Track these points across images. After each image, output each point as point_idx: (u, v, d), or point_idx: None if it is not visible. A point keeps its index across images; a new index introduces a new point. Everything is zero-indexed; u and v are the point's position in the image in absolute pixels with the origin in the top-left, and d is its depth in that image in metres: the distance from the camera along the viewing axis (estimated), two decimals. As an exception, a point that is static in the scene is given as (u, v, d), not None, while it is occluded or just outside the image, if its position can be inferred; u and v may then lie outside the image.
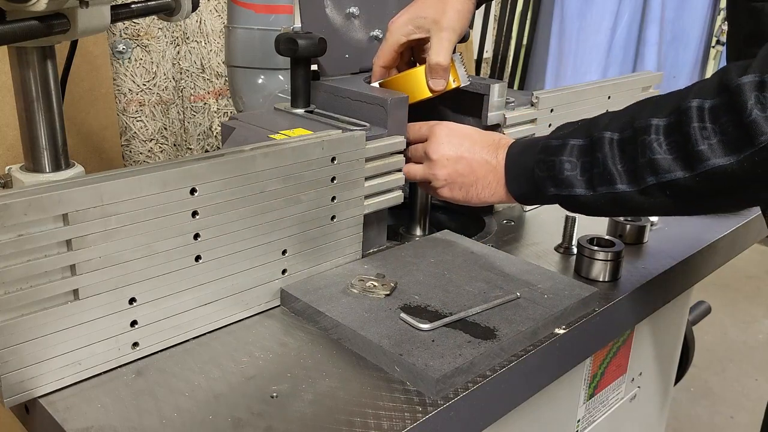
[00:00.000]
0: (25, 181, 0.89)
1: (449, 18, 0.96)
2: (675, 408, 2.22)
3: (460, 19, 0.97)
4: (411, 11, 0.97)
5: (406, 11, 0.98)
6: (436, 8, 0.96)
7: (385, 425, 0.64)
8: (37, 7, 0.74)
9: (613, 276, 0.92)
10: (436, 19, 0.96)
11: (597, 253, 0.91)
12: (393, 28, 0.97)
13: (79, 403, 0.65)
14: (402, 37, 0.97)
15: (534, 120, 1.13)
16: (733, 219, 1.17)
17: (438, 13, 0.96)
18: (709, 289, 2.85)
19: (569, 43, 2.72)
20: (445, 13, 0.96)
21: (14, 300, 0.61)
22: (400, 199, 0.95)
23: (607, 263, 0.91)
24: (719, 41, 3.54)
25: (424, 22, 0.96)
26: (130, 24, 1.53)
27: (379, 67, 1.00)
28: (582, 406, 1.06)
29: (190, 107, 1.69)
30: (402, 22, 0.97)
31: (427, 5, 0.97)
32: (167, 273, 0.71)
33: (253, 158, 0.75)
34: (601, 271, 0.92)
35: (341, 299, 0.80)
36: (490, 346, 0.72)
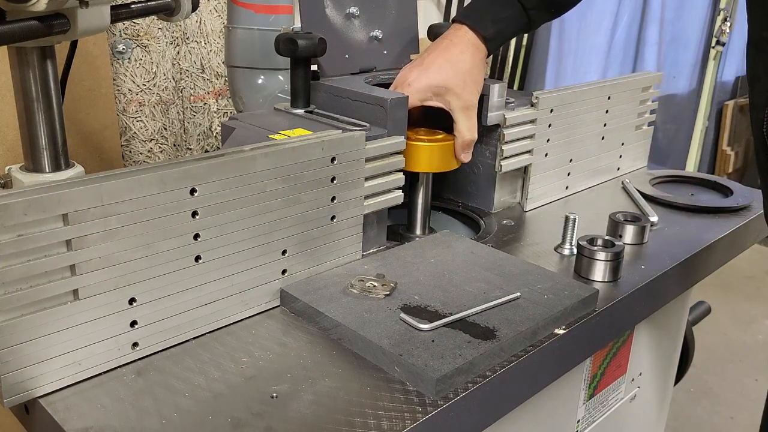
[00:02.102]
0: (25, 181, 0.89)
1: (470, 92, 0.98)
2: (675, 408, 2.22)
3: (478, 89, 1.00)
4: (431, 76, 0.97)
5: (425, 75, 0.97)
6: (456, 78, 0.97)
7: (384, 425, 0.64)
8: (37, 8, 0.74)
9: (613, 276, 0.92)
10: (458, 93, 0.97)
11: (597, 253, 0.91)
12: (411, 91, 0.97)
13: (79, 404, 0.65)
14: (418, 102, 0.98)
15: (534, 120, 1.13)
16: (732, 219, 1.17)
17: (458, 85, 0.97)
18: (709, 290, 2.85)
19: (569, 43, 2.72)
20: (466, 86, 0.98)
21: (14, 300, 0.61)
22: (400, 199, 0.95)
23: (607, 263, 0.91)
24: (719, 41, 3.54)
25: (443, 92, 0.98)
26: (130, 24, 1.53)
27: None
28: (582, 406, 1.06)
29: (189, 107, 1.69)
30: (421, 87, 0.97)
31: (445, 72, 0.98)
32: (167, 273, 0.71)
33: (253, 158, 0.75)
34: (601, 272, 0.92)
35: (341, 299, 0.80)
36: (490, 347, 0.72)
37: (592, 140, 1.26)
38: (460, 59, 0.98)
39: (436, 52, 1.00)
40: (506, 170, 1.12)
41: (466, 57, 0.99)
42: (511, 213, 1.16)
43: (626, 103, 1.31)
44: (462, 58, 0.98)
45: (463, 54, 0.99)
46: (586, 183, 1.29)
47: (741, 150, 3.94)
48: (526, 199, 1.17)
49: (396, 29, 1.18)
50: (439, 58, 0.99)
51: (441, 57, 0.99)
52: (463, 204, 1.18)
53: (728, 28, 3.51)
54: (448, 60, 0.98)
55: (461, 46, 0.99)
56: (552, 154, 1.18)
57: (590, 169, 1.28)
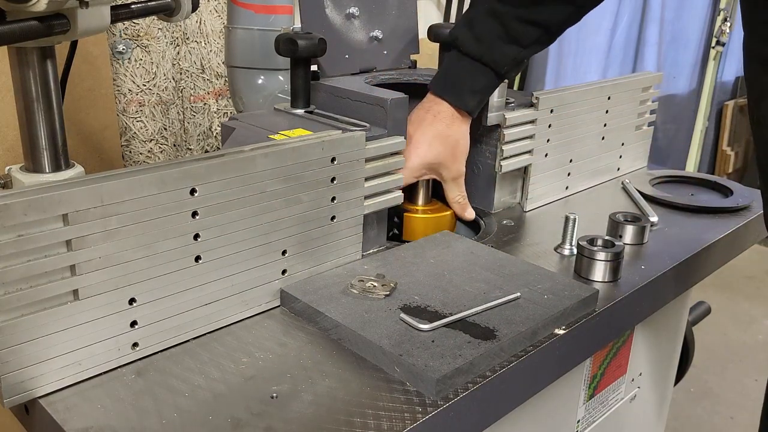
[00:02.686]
0: (25, 181, 0.89)
1: (459, 164, 1.05)
2: (675, 408, 2.22)
3: (465, 157, 1.06)
4: (423, 155, 1.02)
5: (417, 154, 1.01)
6: (446, 153, 1.03)
7: (384, 426, 0.64)
8: (37, 8, 0.74)
9: (613, 276, 0.92)
10: (449, 167, 1.04)
11: (597, 253, 0.91)
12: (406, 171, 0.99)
13: (79, 404, 0.65)
14: (413, 179, 1.03)
15: (534, 120, 1.13)
16: (732, 219, 1.17)
17: (449, 158, 1.04)
18: (708, 290, 2.85)
19: (569, 43, 2.72)
20: (456, 159, 1.04)
21: (14, 300, 0.61)
22: (400, 200, 0.95)
23: (607, 263, 0.91)
24: (719, 41, 3.54)
25: (436, 167, 1.04)
26: (130, 24, 1.53)
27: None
28: (582, 406, 1.06)
29: (189, 107, 1.69)
30: (415, 167, 1.01)
31: (436, 149, 1.02)
32: (167, 273, 0.71)
33: (253, 159, 0.75)
34: (601, 272, 0.92)
35: (341, 299, 0.80)
36: (490, 347, 0.72)
37: (592, 140, 1.26)
38: (448, 134, 1.02)
39: (423, 127, 1.02)
40: (506, 170, 1.12)
41: (453, 130, 1.03)
42: (511, 213, 1.16)
43: (626, 103, 1.31)
44: (449, 132, 1.02)
45: (450, 128, 1.02)
46: (586, 183, 1.29)
47: (741, 150, 3.94)
48: (526, 199, 1.17)
49: (396, 29, 1.18)
50: (427, 134, 1.02)
51: (429, 133, 1.02)
52: (463, 204, 1.18)
53: (728, 28, 3.51)
54: (437, 137, 1.02)
55: (447, 121, 1.02)
56: (552, 155, 1.18)
57: (590, 170, 1.28)
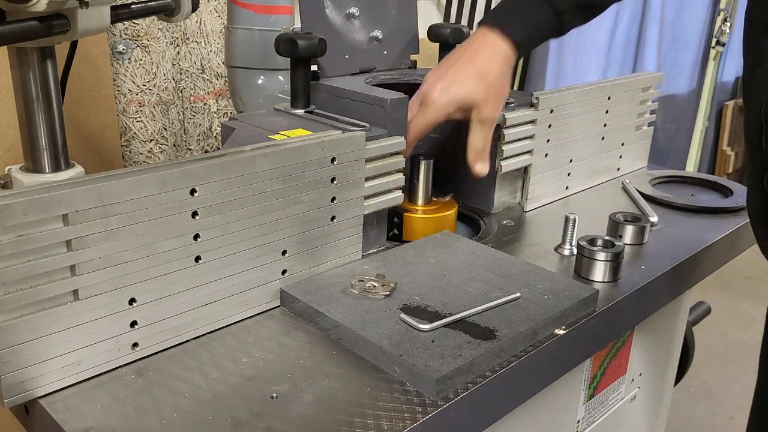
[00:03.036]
0: (25, 181, 0.89)
1: (492, 107, 0.95)
2: (675, 408, 2.22)
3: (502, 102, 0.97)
4: (455, 91, 0.93)
5: (449, 90, 0.93)
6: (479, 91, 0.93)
7: (384, 426, 0.64)
8: (37, 8, 0.74)
9: (613, 276, 0.92)
10: (480, 107, 0.94)
11: (597, 253, 0.91)
12: (436, 106, 0.93)
13: (79, 404, 0.65)
14: (443, 117, 0.95)
15: (534, 120, 1.13)
16: (732, 219, 1.17)
17: (481, 98, 0.93)
18: (709, 290, 2.85)
19: (569, 43, 2.72)
20: (488, 100, 0.94)
21: (14, 300, 0.61)
22: (400, 200, 0.95)
23: (607, 263, 0.91)
24: (719, 41, 3.54)
25: (468, 106, 0.94)
26: (130, 24, 1.53)
27: (413, 138, 0.96)
28: (582, 406, 1.06)
29: (189, 108, 1.69)
30: (445, 103, 0.93)
31: (469, 86, 0.93)
32: (167, 273, 0.71)
33: (253, 159, 0.75)
34: (601, 272, 0.92)
35: (341, 300, 0.80)
36: (490, 347, 0.72)
37: (592, 140, 1.26)
38: (486, 71, 0.94)
39: (461, 61, 0.95)
40: (506, 170, 1.12)
41: (492, 68, 0.94)
42: (511, 213, 1.16)
43: (626, 104, 1.31)
44: (488, 69, 0.94)
45: (489, 64, 0.94)
46: (586, 183, 1.29)
47: (741, 150, 3.94)
48: (526, 199, 1.17)
49: (396, 29, 1.18)
50: (464, 69, 0.94)
51: (465, 68, 0.94)
52: (463, 204, 1.18)
53: (728, 28, 3.51)
54: (473, 72, 0.94)
55: (488, 56, 0.94)
56: (552, 155, 1.18)
57: (590, 170, 1.28)
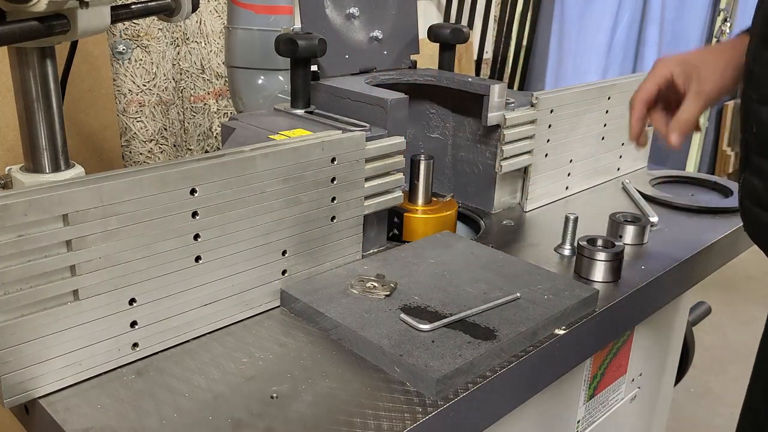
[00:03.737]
0: (25, 181, 0.89)
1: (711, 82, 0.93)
2: (675, 409, 2.21)
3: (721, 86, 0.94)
4: (686, 55, 0.95)
5: (681, 54, 0.95)
6: (707, 64, 0.94)
7: (384, 426, 0.64)
8: (38, 8, 0.74)
9: (613, 277, 0.92)
10: (700, 78, 0.93)
11: (597, 253, 0.91)
12: (661, 63, 0.94)
13: (79, 404, 0.65)
14: (668, 74, 0.94)
15: (534, 121, 1.13)
16: (732, 219, 1.17)
17: (707, 70, 0.93)
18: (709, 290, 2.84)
19: (569, 43, 2.72)
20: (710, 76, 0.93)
21: (14, 300, 0.61)
22: (400, 200, 0.95)
23: (607, 264, 0.91)
24: (719, 41, 3.54)
25: (690, 71, 0.93)
26: (130, 24, 1.53)
27: (640, 102, 0.96)
28: (582, 406, 1.06)
29: (190, 108, 1.69)
30: (674, 62, 0.94)
31: (700, 56, 0.95)
32: (167, 273, 0.71)
33: (253, 159, 0.75)
34: (601, 272, 0.92)
35: (341, 300, 0.80)
36: (490, 347, 0.72)
37: (592, 140, 1.26)
38: (721, 52, 0.94)
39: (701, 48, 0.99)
40: (506, 171, 1.12)
41: (727, 51, 0.94)
42: (512, 213, 1.16)
43: (626, 104, 1.30)
44: (723, 50, 0.94)
45: (724, 49, 0.95)
46: (586, 183, 1.29)
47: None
48: (526, 199, 1.17)
49: (396, 30, 1.18)
50: (700, 50, 0.97)
51: (701, 50, 0.97)
52: (464, 204, 1.18)
53: (728, 28, 3.51)
54: (708, 51, 0.96)
55: (727, 45, 0.95)
56: (552, 155, 1.18)
57: (590, 170, 1.28)
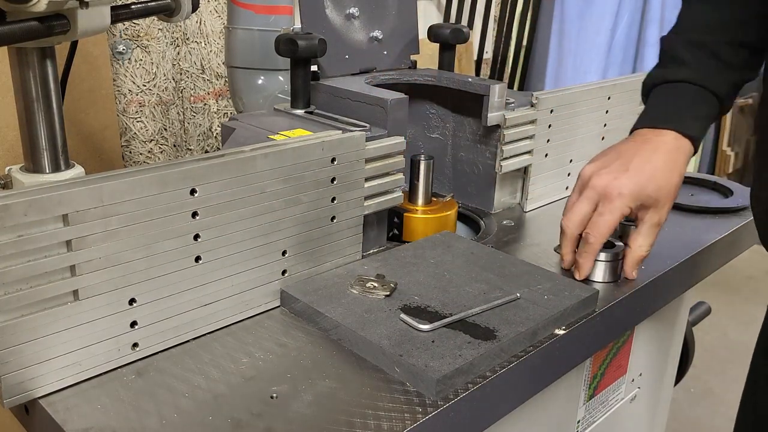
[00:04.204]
0: (25, 181, 0.89)
1: (668, 210, 0.88)
2: (675, 409, 2.21)
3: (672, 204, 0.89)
4: (644, 185, 0.85)
5: (636, 183, 0.85)
6: (664, 191, 0.86)
7: (384, 426, 0.64)
8: (38, 8, 0.74)
9: (612, 277, 0.92)
10: (659, 210, 0.87)
11: (597, 254, 0.91)
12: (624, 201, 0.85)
13: (79, 404, 0.65)
14: (628, 211, 0.86)
15: (534, 121, 1.13)
16: (732, 220, 1.17)
17: (664, 199, 0.86)
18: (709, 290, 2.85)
19: (569, 43, 2.72)
20: (668, 203, 0.87)
21: (14, 300, 0.61)
22: (400, 200, 0.95)
23: (607, 264, 0.91)
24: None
25: (650, 204, 0.86)
26: (130, 25, 1.53)
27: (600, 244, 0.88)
28: (582, 406, 1.06)
29: (190, 108, 1.69)
30: (633, 195, 0.85)
31: (657, 183, 0.86)
32: (167, 273, 0.71)
33: (253, 159, 0.75)
34: (601, 272, 0.92)
35: (341, 300, 0.80)
36: (490, 347, 0.72)
37: (592, 141, 1.26)
38: (674, 169, 0.87)
39: (641, 156, 0.87)
40: (506, 171, 1.12)
41: (675, 167, 0.87)
42: (511, 213, 1.16)
43: (626, 104, 1.31)
44: (675, 165, 0.87)
45: (675, 161, 0.87)
46: (586, 183, 1.29)
47: (741, 150, 3.94)
48: (526, 199, 1.17)
49: (396, 30, 1.18)
50: (648, 165, 0.86)
51: (649, 165, 0.86)
52: (463, 204, 1.18)
53: (728, 28, 3.51)
54: (663, 169, 0.86)
55: (672, 154, 0.87)
56: (552, 155, 1.18)
57: (590, 170, 1.28)
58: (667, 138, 0.88)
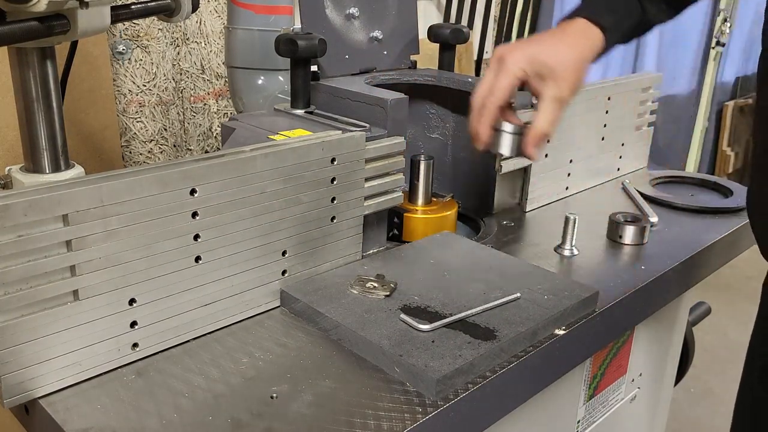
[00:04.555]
0: (25, 181, 0.89)
1: (570, 85, 0.86)
2: (675, 409, 2.21)
3: (579, 86, 0.88)
4: (540, 50, 0.85)
5: (533, 47, 0.85)
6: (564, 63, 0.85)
7: (384, 426, 0.64)
8: (38, 8, 0.74)
9: (517, 152, 0.88)
10: (558, 82, 0.85)
11: (501, 125, 0.87)
12: (512, 67, 0.84)
13: (79, 404, 0.65)
14: (520, 72, 0.85)
15: (534, 121, 1.12)
16: (733, 220, 1.17)
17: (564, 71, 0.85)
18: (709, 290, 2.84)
19: (569, 43, 2.71)
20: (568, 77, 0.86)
21: (14, 301, 0.61)
22: (400, 200, 0.95)
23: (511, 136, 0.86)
24: (719, 42, 3.54)
25: (546, 74, 0.85)
26: (130, 25, 1.53)
27: (495, 108, 0.86)
28: (582, 406, 1.06)
29: (190, 108, 1.69)
30: (527, 58, 0.85)
31: (556, 53, 0.85)
32: (167, 274, 0.71)
33: (253, 159, 0.75)
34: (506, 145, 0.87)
35: (341, 300, 0.80)
36: (490, 347, 0.72)
37: (592, 141, 1.26)
38: (574, 46, 0.87)
39: (546, 34, 0.89)
40: (506, 171, 1.12)
41: (581, 45, 0.87)
42: (511, 214, 1.16)
43: (626, 104, 1.31)
44: (576, 44, 0.87)
45: (577, 41, 0.87)
46: (586, 183, 1.29)
47: (741, 150, 3.94)
48: (526, 199, 1.17)
49: (396, 30, 1.18)
50: (550, 39, 0.88)
51: (551, 38, 0.88)
52: (464, 204, 1.18)
53: (728, 28, 3.51)
54: (561, 41, 0.87)
55: (577, 35, 0.88)
56: (552, 155, 1.18)
57: (590, 170, 1.28)
58: (578, 23, 0.90)
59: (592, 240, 1.06)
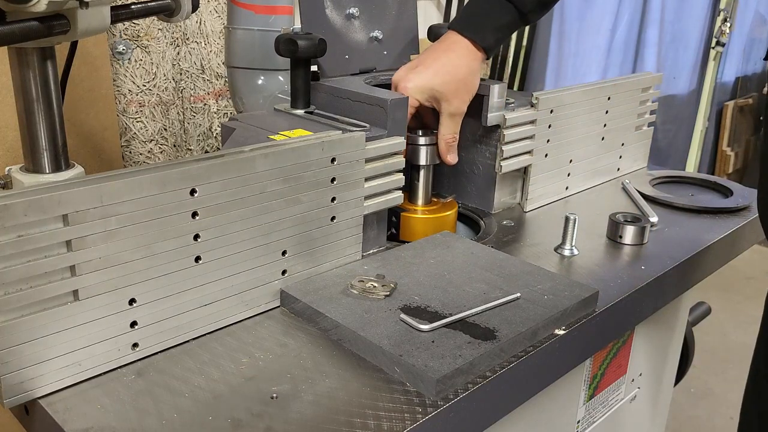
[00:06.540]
0: (25, 181, 0.89)
1: (461, 100, 1.01)
2: (675, 409, 2.22)
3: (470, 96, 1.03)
4: (427, 79, 1.00)
5: (421, 77, 1.00)
6: (450, 84, 1.00)
7: (384, 426, 0.64)
8: (38, 8, 0.74)
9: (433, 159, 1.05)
10: (449, 100, 1.00)
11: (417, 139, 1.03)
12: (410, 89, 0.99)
13: (79, 404, 0.65)
14: (417, 101, 1.01)
15: (534, 121, 1.13)
16: (732, 220, 1.17)
17: (451, 91, 1.00)
18: (709, 290, 2.85)
19: (569, 44, 2.72)
20: (458, 94, 1.01)
21: (14, 301, 0.61)
22: (400, 200, 0.95)
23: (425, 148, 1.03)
24: (719, 42, 3.55)
25: (437, 97, 1.01)
26: (130, 25, 1.53)
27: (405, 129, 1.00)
28: (582, 406, 1.06)
29: (189, 108, 1.69)
30: (417, 88, 1.00)
31: (441, 78, 1.00)
32: (167, 274, 0.71)
33: (253, 159, 0.75)
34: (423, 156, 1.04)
35: (341, 300, 0.80)
36: (490, 347, 0.72)
37: (592, 141, 1.26)
38: (458, 65, 1.00)
39: (433, 56, 1.01)
40: (506, 171, 1.12)
41: (464, 64, 1.01)
42: (511, 213, 1.16)
43: (626, 104, 1.31)
44: (460, 64, 1.01)
45: (460, 60, 1.01)
46: (586, 183, 1.29)
47: (741, 150, 3.94)
48: (526, 199, 1.17)
49: (396, 30, 1.18)
50: (436, 62, 1.00)
51: (437, 62, 1.01)
52: (463, 204, 1.18)
53: (728, 28, 3.52)
54: (446, 65, 1.00)
55: (460, 52, 1.01)
56: (552, 155, 1.18)
57: (590, 170, 1.28)
58: (461, 42, 1.02)
59: (592, 240, 1.06)
